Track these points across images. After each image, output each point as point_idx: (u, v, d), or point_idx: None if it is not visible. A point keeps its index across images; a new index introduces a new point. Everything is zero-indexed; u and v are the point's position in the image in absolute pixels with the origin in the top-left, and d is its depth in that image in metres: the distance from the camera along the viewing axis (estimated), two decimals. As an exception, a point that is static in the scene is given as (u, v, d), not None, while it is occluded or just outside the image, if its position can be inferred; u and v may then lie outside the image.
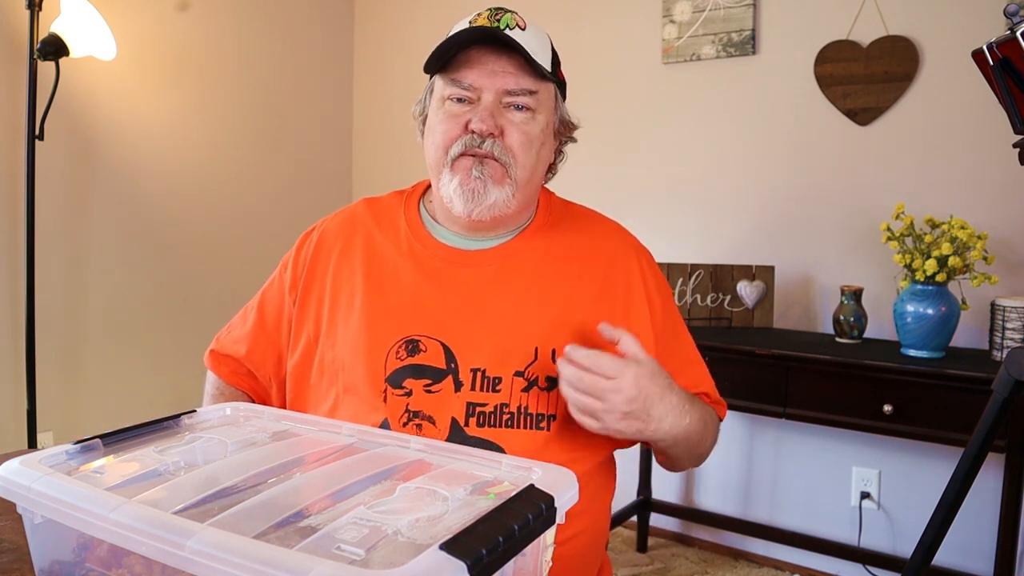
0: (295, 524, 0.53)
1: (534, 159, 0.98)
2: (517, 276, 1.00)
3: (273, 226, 2.97)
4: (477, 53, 0.95)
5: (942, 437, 1.80)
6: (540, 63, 0.95)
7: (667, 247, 2.51)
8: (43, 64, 2.14)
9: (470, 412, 0.92)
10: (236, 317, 1.13)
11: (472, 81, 0.95)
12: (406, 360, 0.94)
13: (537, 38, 0.97)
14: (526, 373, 0.94)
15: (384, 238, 1.04)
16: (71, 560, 0.61)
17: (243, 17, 2.85)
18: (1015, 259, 2.01)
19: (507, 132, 0.95)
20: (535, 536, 0.54)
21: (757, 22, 2.36)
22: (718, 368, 1.12)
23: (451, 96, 0.97)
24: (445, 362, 0.94)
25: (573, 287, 1.00)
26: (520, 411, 0.93)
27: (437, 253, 1.02)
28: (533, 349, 0.95)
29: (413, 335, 0.96)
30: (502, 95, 0.95)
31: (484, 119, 0.93)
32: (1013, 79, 0.94)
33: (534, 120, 0.97)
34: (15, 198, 2.23)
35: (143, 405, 2.58)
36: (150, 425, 0.73)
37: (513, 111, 0.96)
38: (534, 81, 0.96)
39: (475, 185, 0.95)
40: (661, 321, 1.03)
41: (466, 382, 0.93)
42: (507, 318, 0.96)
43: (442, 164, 0.97)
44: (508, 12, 0.97)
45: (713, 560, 2.44)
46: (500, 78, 0.95)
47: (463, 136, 0.95)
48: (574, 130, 1.07)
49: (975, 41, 0.98)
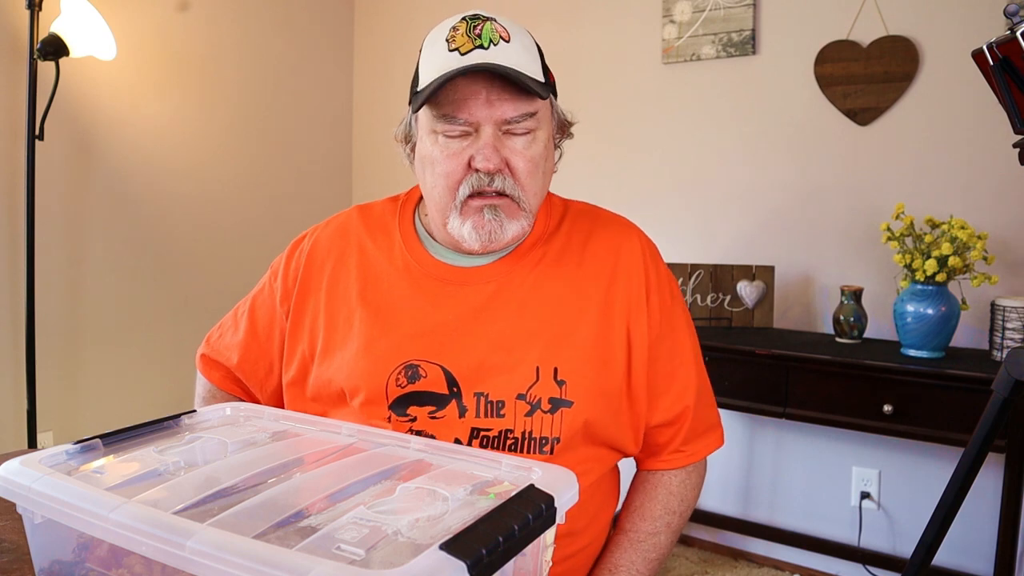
0: (295, 524, 0.53)
1: (541, 181, 0.93)
2: (516, 294, 0.95)
3: (273, 226, 2.97)
4: (466, 81, 0.87)
5: (942, 437, 1.80)
6: (535, 78, 0.88)
7: (667, 247, 2.49)
8: (43, 64, 2.14)
9: (474, 435, 0.90)
10: (227, 318, 1.11)
11: (468, 116, 0.88)
12: (407, 388, 0.91)
13: (524, 47, 0.90)
14: (528, 395, 0.90)
15: (378, 252, 1.00)
16: (71, 560, 0.60)
17: (243, 17, 2.85)
18: (1015, 259, 2.01)
19: (512, 164, 0.89)
20: (535, 536, 0.54)
21: (757, 22, 2.36)
22: (718, 368, 1.11)
23: (444, 132, 0.89)
24: (447, 387, 0.91)
25: (575, 297, 0.95)
26: (524, 436, 0.90)
27: (433, 272, 0.97)
28: (535, 369, 0.91)
29: (412, 360, 0.92)
30: (501, 124, 0.88)
31: (489, 157, 0.87)
32: (1013, 79, 0.94)
33: (536, 141, 0.91)
34: (15, 198, 2.23)
35: (143, 405, 2.58)
36: (150, 425, 0.73)
37: (513, 136, 0.90)
38: (532, 103, 0.89)
39: (492, 227, 0.90)
40: (657, 326, 0.97)
41: (470, 407, 0.90)
42: (507, 338, 0.92)
43: (450, 207, 0.91)
44: (486, 22, 0.89)
45: (713, 560, 2.44)
46: (497, 108, 0.87)
47: (468, 176, 0.89)
48: (571, 127, 1.01)
49: (975, 41, 0.98)
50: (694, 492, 1.04)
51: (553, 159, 0.99)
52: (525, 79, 0.86)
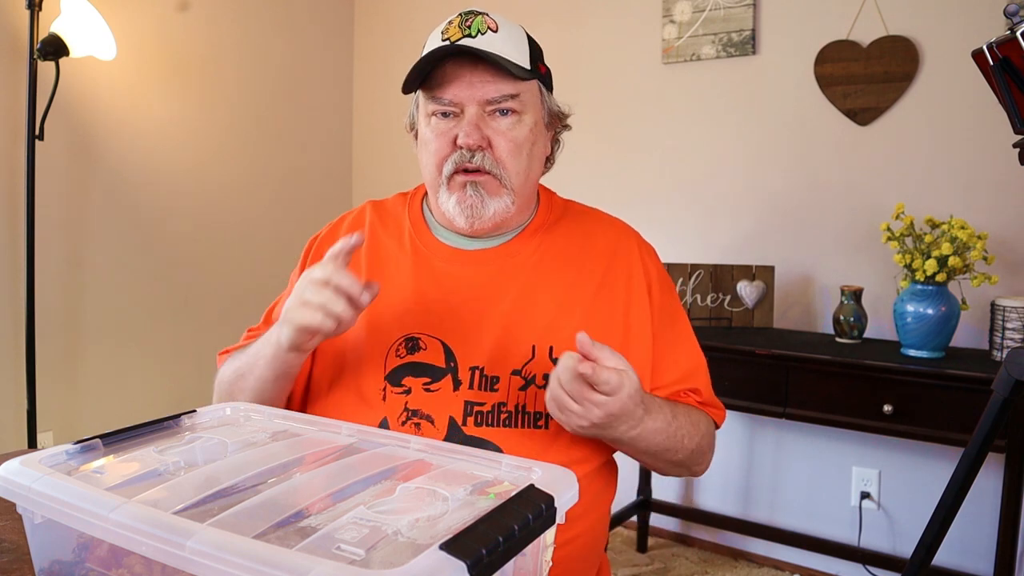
0: (295, 524, 0.53)
1: (525, 162, 1.00)
2: (517, 275, 1.01)
3: (273, 226, 2.97)
4: (453, 66, 0.96)
5: (942, 437, 1.80)
6: (517, 63, 0.95)
7: (667, 247, 2.50)
8: (43, 64, 2.14)
9: (468, 411, 0.93)
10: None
11: (452, 96, 0.97)
12: (406, 358, 0.96)
13: (512, 37, 0.98)
14: (523, 371, 0.95)
15: (389, 239, 1.07)
16: (71, 560, 0.60)
17: (243, 17, 2.85)
18: (1015, 259, 2.01)
19: (494, 142, 0.97)
20: (535, 536, 0.54)
21: (757, 22, 2.36)
22: (718, 368, 1.11)
23: (435, 112, 0.99)
24: (444, 361, 0.96)
25: (572, 284, 1.01)
26: (518, 410, 0.94)
27: (439, 253, 1.04)
28: (531, 347, 0.96)
29: (413, 333, 0.98)
30: (484, 105, 0.96)
31: (470, 133, 0.95)
32: (1013, 79, 0.94)
33: (520, 123, 0.98)
34: (15, 198, 2.23)
35: (143, 405, 2.58)
36: (150, 425, 0.73)
37: (498, 117, 0.97)
38: (514, 84, 0.97)
39: (472, 202, 0.98)
40: (659, 312, 1.03)
41: (464, 381, 0.94)
42: (506, 317, 0.98)
43: (438, 183, 1.00)
44: (478, 16, 0.97)
45: (713, 560, 2.44)
46: (479, 88, 0.96)
47: (453, 153, 0.97)
48: (566, 119, 1.08)
49: (975, 41, 0.98)
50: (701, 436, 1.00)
51: (543, 146, 1.05)
52: (503, 61, 0.94)
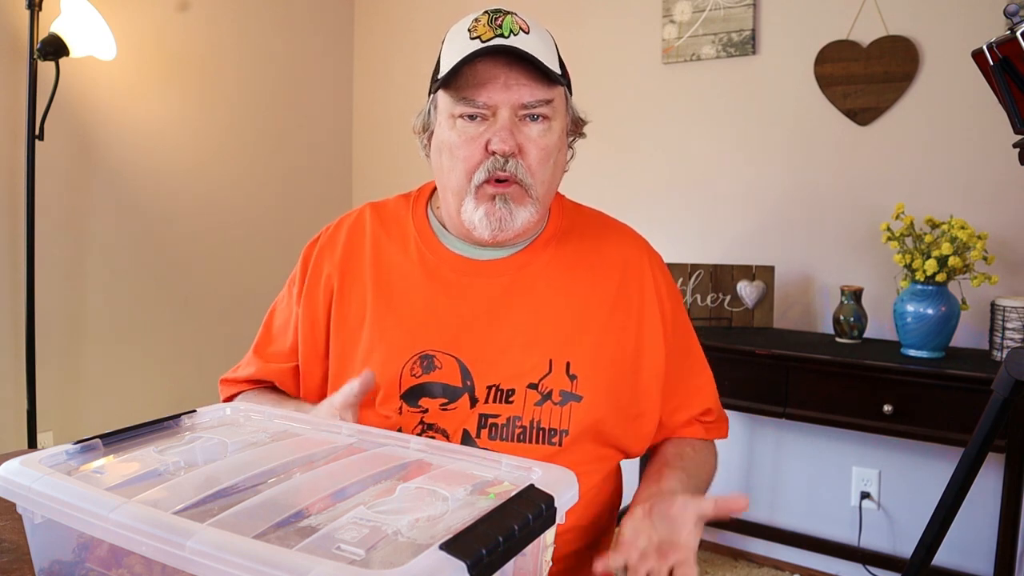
0: (295, 524, 0.53)
1: (551, 172, 0.95)
2: (531, 287, 0.97)
3: (273, 226, 2.97)
4: (485, 65, 0.90)
5: (942, 437, 1.80)
6: (551, 68, 0.91)
7: (667, 247, 2.50)
8: (43, 64, 2.14)
9: (482, 423, 0.91)
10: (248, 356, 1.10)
11: (486, 99, 0.90)
12: (421, 377, 0.93)
13: (542, 40, 0.93)
14: (539, 386, 0.92)
15: (392, 245, 1.02)
16: (71, 560, 0.60)
17: (243, 17, 2.84)
18: (1015, 259, 2.01)
19: (525, 149, 0.91)
20: (535, 536, 0.54)
21: (757, 22, 2.36)
22: (718, 368, 1.11)
23: (463, 114, 0.92)
24: (461, 379, 0.92)
25: (587, 297, 0.98)
26: (533, 425, 0.91)
27: (449, 263, 0.99)
28: (547, 362, 0.93)
29: (427, 350, 0.94)
30: (518, 108, 0.91)
31: (505, 139, 0.89)
32: (1013, 79, 0.94)
33: (551, 130, 0.93)
34: (15, 198, 2.23)
35: (143, 405, 2.58)
36: (150, 425, 0.73)
37: (528, 123, 0.92)
38: (548, 89, 0.91)
39: (502, 215, 0.92)
40: (672, 333, 1.01)
41: (482, 399, 0.92)
42: (521, 331, 0.94)
43: (465, 191, 0.93)
44: (508, 15, 0.92)
45: (713, 560, 2.44)
46: (515, 92, 0.90)
47: (485, 161, 0.91)
48: (583, 126, 1.04)
49: (975, 41, 0.98)
50: (714, 459, 1.06)
51: (565, 154, 1.01)
52: (542, 65, 0.89)
